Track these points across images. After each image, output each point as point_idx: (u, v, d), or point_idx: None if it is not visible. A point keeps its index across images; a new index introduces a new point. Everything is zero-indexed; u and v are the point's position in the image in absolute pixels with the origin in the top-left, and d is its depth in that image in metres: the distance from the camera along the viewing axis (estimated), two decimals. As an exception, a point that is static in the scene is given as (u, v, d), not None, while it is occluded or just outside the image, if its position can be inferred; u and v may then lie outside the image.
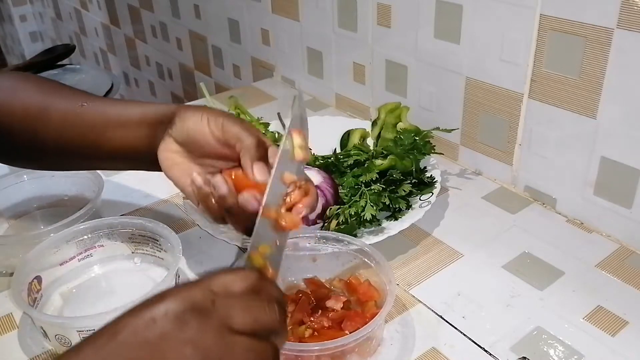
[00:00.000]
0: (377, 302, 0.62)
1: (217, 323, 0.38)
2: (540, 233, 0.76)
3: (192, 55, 1.65)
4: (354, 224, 0.71)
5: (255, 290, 0.41)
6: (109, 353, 0.36)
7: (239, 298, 0.40)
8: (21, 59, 3.02)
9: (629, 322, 0.62)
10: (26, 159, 0.69)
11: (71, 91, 0.65)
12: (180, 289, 0.39)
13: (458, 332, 0.62)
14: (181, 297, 0.38)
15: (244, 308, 0.39)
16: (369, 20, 0.98)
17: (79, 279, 0.71)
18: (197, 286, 0.40)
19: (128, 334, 0.37)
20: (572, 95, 0.73)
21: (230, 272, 0.42)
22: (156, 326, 0.37)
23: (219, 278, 0.41)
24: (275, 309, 0.41)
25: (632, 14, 0.64)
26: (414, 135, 0.81)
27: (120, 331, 0.37)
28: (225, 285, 0.40)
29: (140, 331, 0.37)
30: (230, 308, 0.39)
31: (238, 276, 0.41)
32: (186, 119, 0.57)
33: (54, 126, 0.62)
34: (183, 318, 0.37)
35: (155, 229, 0.69)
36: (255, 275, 0.42)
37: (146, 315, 0.37)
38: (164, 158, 0.59)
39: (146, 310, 0.37)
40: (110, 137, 0.61)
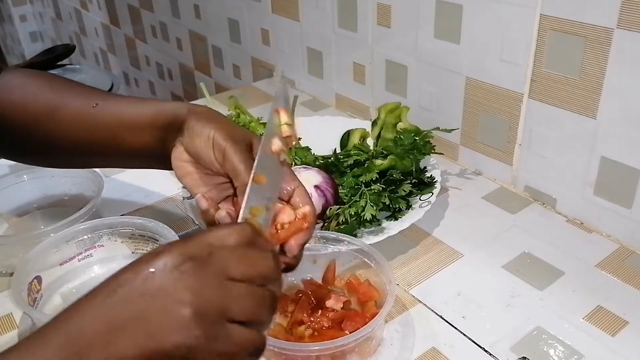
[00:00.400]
0: (377, 302, 0.62)
1: (214, 272, 0.39)
2: (540, 233, 0.76)
3: (192, 55, 1.65)
4: (354, 224, 0.71)
5: (249, 242, 0.42)
6: (109, 308, 0.37)
7: (235, 249, 0.41)
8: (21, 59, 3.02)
9: (629, 322, 0.62)
10: (38, 156, 0.69)
11: (83, 89, 0.65)
12: (177, 244, 0.40)
13: (458, 332, 0.62)
14: (178, 250, 0.39)
15: (240, 257, 0.41)
16: (369, 20, 0.98)
17: (79, 279, 0.71)
18: (194, 240, 0.41)
19: (127, 287, 0.38)
20: (572, 95, 0.73)
21: (225, 227, 0.44)
22: (155, 278, 0.38)
23: (215, 232, 0.42)
24: (270, 257, 0.42)
25: (632, 14, 0.64)
26: (414, 135, 0.81)
27: (120, 286, 0.38)
28: (221, 238, 0.42)
29: (139, 284, 0.38)
30: (227, 258, 0.40)
31: (233, 230, 0.43)
32: (195, 135, 0.57)
33: (66, 125, 0.62)
34: (181, 268, 0.38)
35: (155, 228, 0.69)
36: (249, 229, 0.43)
37: (144, 269, 0.38)
38: (176, 166, 0.59)
39: (144, 265, 0.39)
40: (123, 139, 0.61)
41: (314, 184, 0.73)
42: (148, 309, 0.37)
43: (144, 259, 0.40)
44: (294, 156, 0.86)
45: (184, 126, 0.58)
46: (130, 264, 0.40)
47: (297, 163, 0.85)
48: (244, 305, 0.39)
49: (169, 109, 0.60)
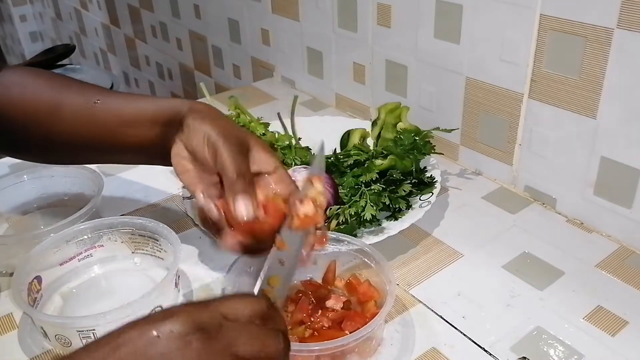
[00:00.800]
0: (377, 302, 0.62)
1: (221, 347, 0.37)
2: (540, 233, 0.76)
3: (192, 55, 1.65)
4: (354, 224, 0.71)
5: (263, 317, 0.41)
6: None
7: (246, 325, 0.40)
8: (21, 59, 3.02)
9: (629, 322, 0.62)
10: (38, 153, 0.69)
11: (83, 86, 0.65)
12: (189, 308, 0.38)
13: (458, 332, 0.62)
14: (188, 316, 0.37)
15: (250, 335, 0.39)
16: (369, 20, 0.98)
17: (79, 279, 0.71)
18: (206, 308, 0.39)
19: (129, 349, 0.36)
20: (572, 95, 0.73)
21: (240, 298, 0.42)
22: (159, 344, 0.36)
23: (229, 302, 0.41)
24: (281, 340, 0.41)
25: (632, 14, 0.64)
26: (414, 135, 0.81)
27: (121, 345, 0.36)
28: (234, 310, 0.40)
29: (142, 348, 0.36)
30: (237, 334, 0.38)
31: (248, 302, 0.41)
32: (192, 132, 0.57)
33: (66, 122, 0.62)
34: (187, 339, 0.36)
35: (155, 229, 0.69)
36: (265, 304, 0.42)
37: (150, 331, 0.36)
38: (176, 163, 0.59)
39: (150, 327, 0.37)
40: (123, 135, 0.61)
41: (314, 184, 0.73)
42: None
43: (152, 318, 0.38)
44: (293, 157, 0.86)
45: (183, 123, 0.58)
46: (137, 320, 0.38)
47: (297, 163, 0.85)
48: None
49: (169, 106, 0.60)
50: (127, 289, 0.69)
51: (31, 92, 0.63)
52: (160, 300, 0.62)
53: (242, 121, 0.98)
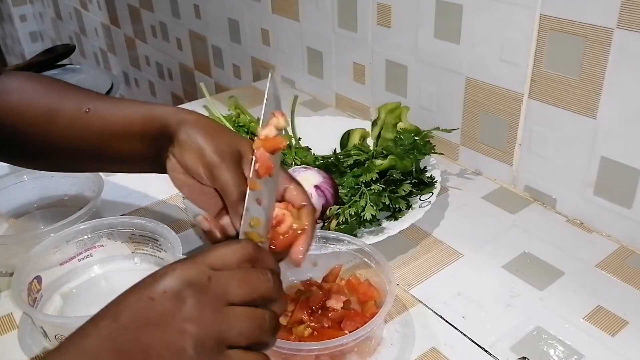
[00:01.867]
0: (377, 301, 0.62)
1: (213, 297, 0.39)
2: (540, 233, 0.76)
3: (192, 55, 1.65)
4: (354, 224, 0.71)
5: (251, 260, 0.43)
6: (112, 334, 0.38)
7: (235, 271, 0.41)
8: (21, 59, 3.02)
9: (629, 322, 0.62)
10: (35, 160, 0.68)
11: (78, 93, 0.64)
12: (177, 266, 0.40)
13: (458, 332, 0.62)
14: (178, 275, 0.40)
15: (239, 280, 0.41)
16: (369, 20, 0.98)
17: (79, 279, 0.71)
18: (194, 262, 0.41)
19: (129, 315, 0.38)
20: (572, 95, 0.73)
21: (226, 245, 0.44)
22: (155, 305, 0.38)
23: (215, 251, 0.42)
24: (270, 277, 0.42)
25: (632, 14, 0.64)
26: (414, 135, 0.81)
27: (121, 313, 0.38)
28: (221, 258, 0.42)
29: (141, 312, 0.38)
30: (226, 282, 0.40)
31: (234, 248, 0.43)
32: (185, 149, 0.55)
33: (61, 129, 0.62)
34: (180, 296, 0.39)
35: (155, 229, 0.69)
36: (251, 246, 0.43)
37: (145, 294, 0.39)
38: (173, 177, 0.58)
39: (145, 290, 0.39)
40: (117, 147, 0.60)
41: (314, 184, 0.73)
42: (150, 339, 0.38)
43: (146, 281, 0.40)
44: (293, 157, 0.86)
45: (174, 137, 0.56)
46: (134, 285, 0.40)
47: (297, 163, 0.85)
48: (244, 331, 0.40)
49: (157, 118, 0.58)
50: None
51: (29, 97, 0.63)
52: (160, 300, 0.62)
53: (242, 121, 0.98)
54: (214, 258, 0.42)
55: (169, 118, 0.57)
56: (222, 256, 0.42)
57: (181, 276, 0.40)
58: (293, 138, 0.94)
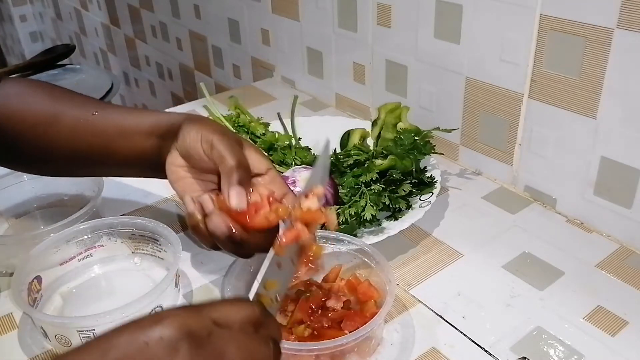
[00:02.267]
0: (377, 301, 0.62)
1: (209, 355, 0.37)
2: (540, 233, 0.76)
3: (192, 55, 1.65)
4: (354, 224, 0.71)
5: (255, 323, 0.41)
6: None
7: (237, 333, 0.39)
8: (21, 59, 3.02)
9: (629, 322, 0.62)
10: (35, 165, 0.69)
11: (83, 99, 0.65)
12: (179, 313, 0.38)
13: (458, 332, 0.62)
14: (178, 323, 0.37)
15: (239, 344, 0.39)
16: (369, 20, 0.98)
17: (79, 279, 0.71)
18: (197, 313, 0.39)
19: (118, 354, 0.36)
20: (572, 95, 0.73)
21: (233, 303, 0.42)
22: (148, 351, 0.36)
23: (221, 307, 0.40)
24: (271, 348, 0.40)
25: (632, 14, 0.64)
26: (414, 135, 0.81)
27: (109, 350, 0.36)
28: (225, 315, 0.40)
29: (131, 354, 0.36)
30: (226, 342, 0.38)
31: (240, 308, 0.41)
32: (186, 134, 0.57)
33: (64, 133, 0.62)
34: (176, 346, 0.36)
35: (156, 228, 0.69)
36: (259, 310, 0.42)
37: (140, 337, 0.36)
38: (170, 171, 0.59)
39: (140, 332, 0.37)
40: (121, 145, 0.61)
41: (314, 184, 0.73)
42: None
43: (143, 322, 0.38)
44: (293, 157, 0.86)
45: (179, 131, 0.58)
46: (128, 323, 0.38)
47: (297, 163, 0.85)
48: None
49: (167, 119, 0.61)
50: (127, 289, 0.69)
51: (30, 103, 0.63)
52: (160, 300, 0.62)
53: (242, 121, 0.98)
54: (218, 313, 0.40)
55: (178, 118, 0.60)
56: (226, 313, 0.40)
57: (181, 325, 0.37)
58: (293, 138, 0.94)
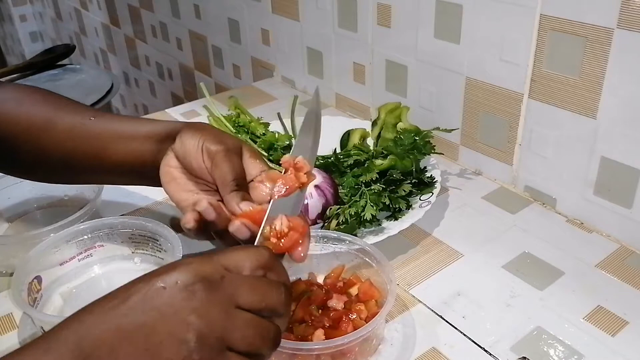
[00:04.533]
0: (378, 301, 0.62)
1: (223, 297, 0.40)
2: (540, 233, 0.76)
3: (192, 55, 1.65)
4: (354, 223, 0.71)
5: (265, 267, 0.43)
6: (119, 315, 0.38)
7: (248, 277, 0.42)
8: (21, 59, 3.02)
9: (629, 322, 0.62)
10: (30, 171, 0.69)
11: (79, 106, 0.65)
12: (192, 261, 0.41)
13: (458, 332, 0.62)
14: (192, 268, 0.40)
15: (251, 286, 0.41)
16: (369, 20, 0.98)
17: (79, 279, 0.71)
18: (209, 260, 0.41)
19: (138, 298, 0.39)
20: (572, 95, 0.73)
21: (242, 250, 0.44)
22: (165, 294, 0.39)
23: (231, 254, 0.42)
24: (282, 291, 0.43)
25: (632, 14, 0.64)
26: (414, 135, 0.81)
27: (130, 296, 0.39)
28: (236, 261, 0.42)
29: (149, 297, 0.39)
30: (238, 284, 0.41)
31: (250, 253, 0.43)
32: (185, 141, 0.57)
33: (59, 138, 0.62)
34: (192, 289, 0.39)
35: (155, 229, 0.69)
36: (267, 255, 0.44)
37: (157, 282, 0.39)
38: (164, 172, 0.59)
39: (157, 279, 0.40)
40: (115, 149, 0.61)
41: (314, 183, 0.73)
42: (154, 325, 0.38)
43: (159, 271, 0.40)
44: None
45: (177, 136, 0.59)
46: (145, 274, 0.40)
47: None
48: (247, 336, 0.40)
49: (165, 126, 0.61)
50: (127, 289, 0.69)
51: (26, 107, 0.63)
52: (160, 300, 0.62)
53: (242, 121, 0.98)
54: (229, 260, 0.42)
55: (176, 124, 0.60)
56: (237, 259, 0.42)
57: (196, 270, 0.40)
58: (293, 138, 0.94)
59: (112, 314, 0.38)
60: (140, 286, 0.39)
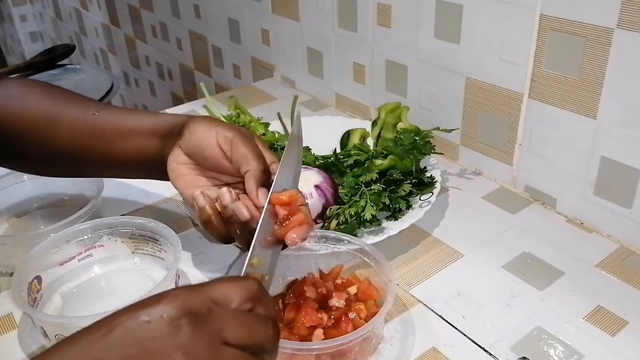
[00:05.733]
0: (377, 301, 0.62)
1: (210, 332, 0.38)
2: (540, 233, 0.76)
3: (192, 55, 1.65)
4: (354, 223, 0.71)
5: (254, 300, 0.41)
6: (101, 349, 0.37)
7: (236, 311, 0.40)
8: (21, 59, 3.02)
9: (629, 322, 0.62)
10: (35, 165, 0.69)
11: (83, 99, 0.65)
12: (179, 293, 0.39)
13: (458, 332, 0.62)
14: (179, 301, 0.38)
15: (239, 322, 0.39)
16: (369, 20, 0.98)
17: (79, 279, 0.71)
18: (196, 292, 0.39)
19: (121, 332, 0.37)
20: (572, 95, 0.73)
21: (230, 282, 0.42)
22: (150, 328, 0.37)
23: (219, 286, 0.41)
24: (270, 326, 0.41)
25: (632, 14, 0.64)
26: (414, 135, 0.80)
27: (114, 328, 0.37)
28: (224, 294, 0.40)
29: (134, 331, 0.37)
30: (226, 320, 0.39)
31: (238, 286, 0.41)
32: (194, 131, 0.58)
33: (64, 133, 0.62)
34: (177, 323, 0.37)
35: (156, 228, 0.69)
36: (256, 286, 0.42)
37: (142, 316, 0.37)
38: (171, 169, 0.59)
39: (142, 311, 0.38)
40: (121, 146, 0.61)
41: (314, 183, 0.73)
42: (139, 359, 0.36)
43: (144, 303, 0.38)
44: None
45: (183, 130, 0.58)
46: (129, 305, 0.39)
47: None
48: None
49: (169, 119, 0.61)
50: (127, 289, 0.69)
51: (30, 102, 0.63)
52: (160, 300, 0.62)
53: (242, 121, 0.98)
54: (217, 292, 0.40)
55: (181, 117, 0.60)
56: (224, 291, 0.40)
57: (182, 303, 0.38)
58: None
59: (94, 348, 0.37)
60: (124, 319, 0.37)
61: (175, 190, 0.61)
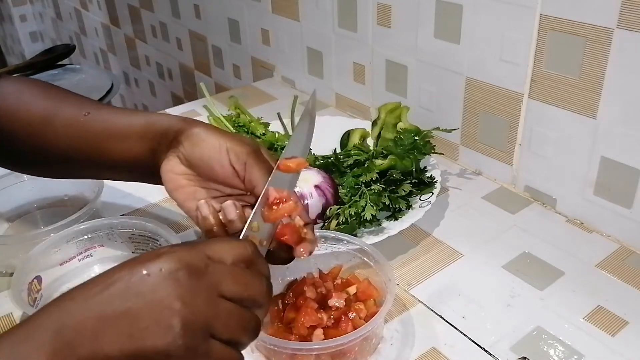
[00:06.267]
0: (377, 300, 0.62)
1: (208, 285, 0.40)
2: (540, 233, 0.76)
3: (192, 55, 1.65)
4: (354, 223, 0.71)
5: (247, 261, 0.43)
6: (101, 301, 0.38)
7: (231, 267, 0.42)
8: (21, 59, 3.02)
9: (629, 322, 0.62)
10: (29, 165, 0.68)
11: (77, 99, 0.64)
12: (177, 250, 0.41)
13: (458, 332, 0.62)
14: (177, 256, 0.40)
15: (235, 276, 0.41)
16: (369, 20, 0.98)
17: (79, 279, 0.71)
18: (194, 249, 0.41)
19: (121, 285, 0.39)
20: (572, 95, 0.73)
21: (227, 242, 0.44)
22: (149, 281, 0.39)
23: (215, 245, 0.43)
24: (264, 282, 0.43)
25: (632, 14, 0.64)
26: (414, 135, 0.81)
27: (114, 282, 0.39)
28: (219, 252, 0.42)
29: (134, 284, 0.39)
30: (222, 274, 0.41)
31: (233, 245, 0.43)
32: (199, 143, 0.55)
33: (57, 134, 0.62)
34: (176, 276, 0.39)
35: (155, 229, 0.69)
36: (251, 248, 0.44)
37: (141, 269, 0.39)
38: (168, 179, 0.57)
39: (141, 266, 0.39)
40: (112, 149, 0.60)
41: (314, 183, 0.73)
42: (139, 310, 0.38)
43: (142, 258, 0.40)
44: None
45: (180, 137, 0.56)
46: (127, 260, 0.40)
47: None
48: (229, 326, 0.40)
49: (161, 122, 0.59)
50: (127, 289, 0.69)
51: (26, 101, 0.63)
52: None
53: (242, 121, 0.98)
54: (213, 250, 0.42)
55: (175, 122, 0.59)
56: (220, 250, 0.42)
57: (180, 257, 0.40)
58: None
59: (94, 301, 0.38)
60: (123, 273, 0.39)
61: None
